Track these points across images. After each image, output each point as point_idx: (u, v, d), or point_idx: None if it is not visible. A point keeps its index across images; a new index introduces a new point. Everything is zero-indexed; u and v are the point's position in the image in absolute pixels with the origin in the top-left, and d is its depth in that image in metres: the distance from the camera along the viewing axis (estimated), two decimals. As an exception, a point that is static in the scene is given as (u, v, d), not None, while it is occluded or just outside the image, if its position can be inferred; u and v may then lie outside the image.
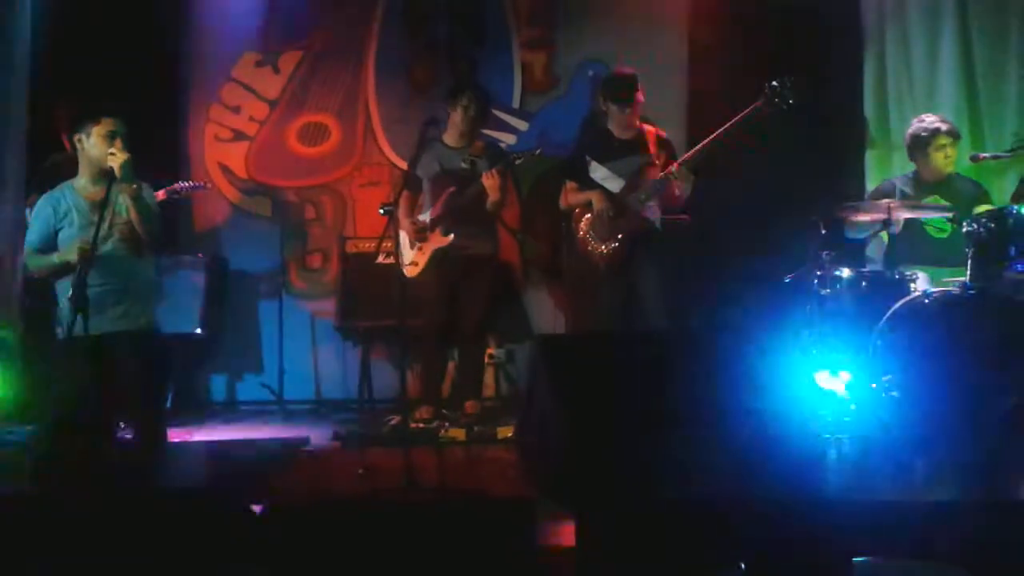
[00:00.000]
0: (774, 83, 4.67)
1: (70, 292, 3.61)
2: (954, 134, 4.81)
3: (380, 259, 5.13)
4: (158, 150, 4.01)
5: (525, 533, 2.94)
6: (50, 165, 5.12)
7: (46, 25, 5.79)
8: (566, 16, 6.02)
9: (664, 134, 5.04)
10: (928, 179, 4.84)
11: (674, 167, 4.79)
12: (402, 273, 5.01)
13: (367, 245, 5.68)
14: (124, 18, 5.68)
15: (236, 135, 6.15)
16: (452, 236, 4.98)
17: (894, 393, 3.95)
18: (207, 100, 6.12)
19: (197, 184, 5.58)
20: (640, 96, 4.91)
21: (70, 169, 4.97)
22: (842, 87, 5.46)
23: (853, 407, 4.16)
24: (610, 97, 4.94)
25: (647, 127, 5.01)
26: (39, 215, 4.06)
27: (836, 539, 2.71)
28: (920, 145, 4.82)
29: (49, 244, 3.99)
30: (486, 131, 5.40)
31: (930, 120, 4.83)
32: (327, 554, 2.93)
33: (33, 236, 4.05)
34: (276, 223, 6.10)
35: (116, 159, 3.82)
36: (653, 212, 4.91)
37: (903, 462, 3.59)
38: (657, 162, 4.90)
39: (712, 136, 4.72)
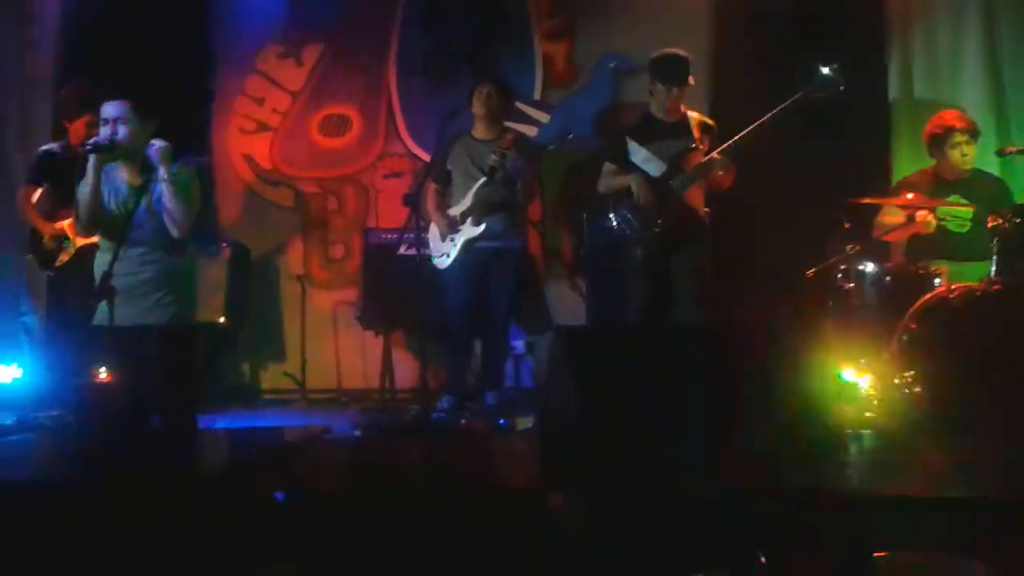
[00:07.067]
0: (824, 69, 4.55)
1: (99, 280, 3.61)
2: (971, 131, 4.75)
3: (402, 250, 5.15)
4: (183, 142, 3.99)
5: (545, 524, 2.96)
6: (44, 154, 5.09)
7: (72, 15, 5.86)
8: (587, 7, 6.01)
9: (710, 121, 4.93)
10: (948, 177, 4.81)
11: (715, 153, 4.69)
12: (432, 264, 5.04)
13: (389, 236, 5.70)
14: (149, 10, 5.73)
15: (260, 126, 6.18)
16: (483, 226, 4.99)
17: (917, 388, 3.93)
18: (231, 92, 6.16)
19: (199, 159, 5.39)
20: (691, 79, 4.82)
21: (65, 158, 4.97)
22: (867, 80, 5.42)
23: (876, 402, 4.15)
24: (658, 76, 4.82)
25: (691, 113, 4.94)
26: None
27: (856, 534, 2.71)
28: (937, 143, 4.79)
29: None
30: (508, 123, 5.40)
31: (948, 117, 4.80)
32: (346, 542, 2.95)
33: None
34: (299, 214, 6.14)
35: (154, 147, 3.81)
36: (696, 199, 4.84)
37: (925, 458, 3.57)
38: (701, 147, 4.78)
39: (759, 122, 4.61)
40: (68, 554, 2.79)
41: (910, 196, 4.61)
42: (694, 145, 4.81)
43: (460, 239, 5.05)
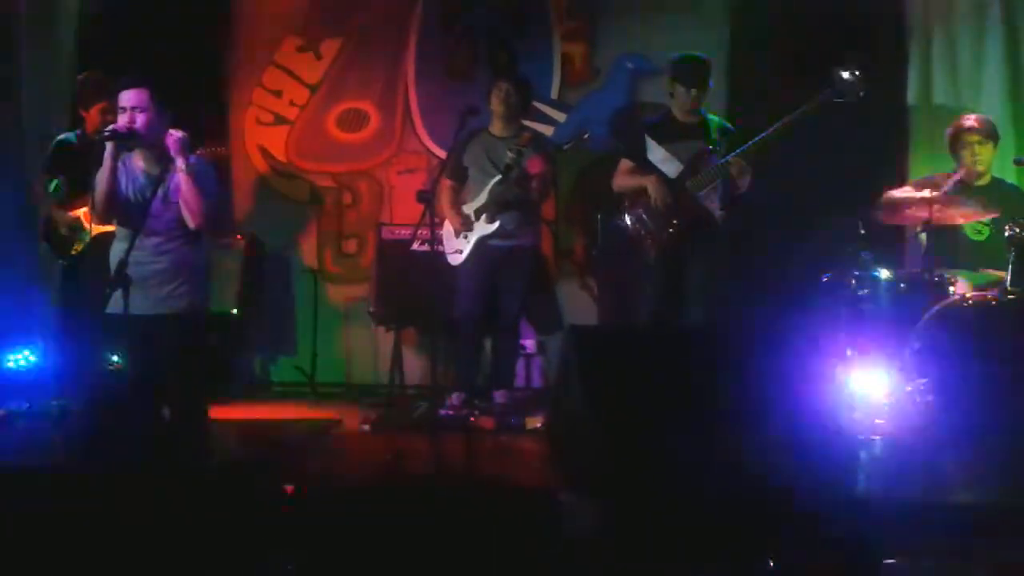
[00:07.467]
0: (844, 74, 4.53)
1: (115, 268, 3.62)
2: (984, 132, 4.73)
3: (416, 246, 5.15)
4: (201, 133, 4.00)
5: (551, 524, 2.95)
6: (60, 144, 5.08)
7: (92, 7, 5.89)
8: (607, 8, 6.00)
9: (729, 125, 4.91)
10: (968, 181, 4.78)
11: (732, 156, 4.67)
12: (444, 261, 5.04)
13: (403, 232, 5.69)
14: (169, 1, 5.75)
15: (277, 119, 6.19)
16: (497, 224, 4.99)
17: (929, 396, 3.91)
18: (249, 84, 6.18)
19: (216, 149, 5.38)
20: (710, 82, 4.82)
21: (81, 147, 4.94)
22: (886, 84, 5.39)
23: (887, 409, 4.13)
24: (678, 78, 4.82)
25: (710, 115, 4.91)
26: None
27: (867, 539, 2.70)
28: (952, 144, 4.80)
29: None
30: (525, 122, 5.39)
31: (965, 118, 4.80)
32: (354, 536, 2.95)
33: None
34: (313, 208, 6.16)
35: (172, 137, 3.82)
36: (711, 201, 4.81)
37: (936, 465, 3.55)
38: (718, 150, 4.76)
39: (777, 125, 4.59)
40: (70, 545, 2.80)
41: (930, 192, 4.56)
42: (712, 147, 4.80)
43: (473, 236, 5.05)
